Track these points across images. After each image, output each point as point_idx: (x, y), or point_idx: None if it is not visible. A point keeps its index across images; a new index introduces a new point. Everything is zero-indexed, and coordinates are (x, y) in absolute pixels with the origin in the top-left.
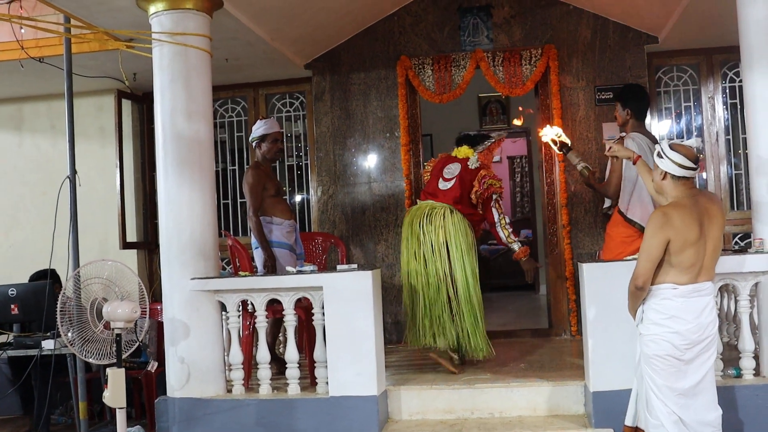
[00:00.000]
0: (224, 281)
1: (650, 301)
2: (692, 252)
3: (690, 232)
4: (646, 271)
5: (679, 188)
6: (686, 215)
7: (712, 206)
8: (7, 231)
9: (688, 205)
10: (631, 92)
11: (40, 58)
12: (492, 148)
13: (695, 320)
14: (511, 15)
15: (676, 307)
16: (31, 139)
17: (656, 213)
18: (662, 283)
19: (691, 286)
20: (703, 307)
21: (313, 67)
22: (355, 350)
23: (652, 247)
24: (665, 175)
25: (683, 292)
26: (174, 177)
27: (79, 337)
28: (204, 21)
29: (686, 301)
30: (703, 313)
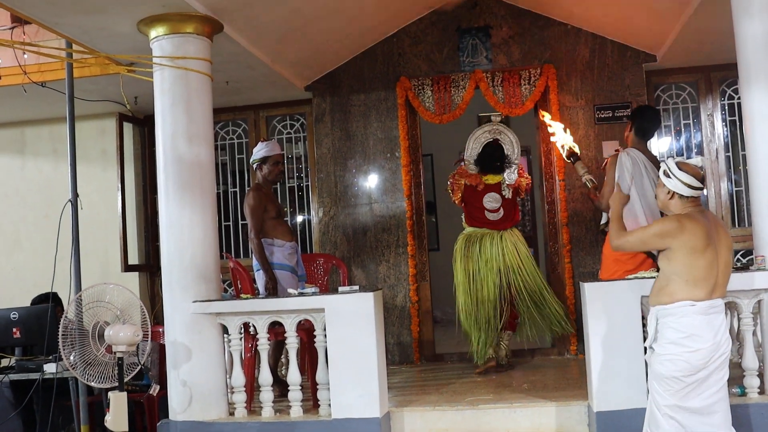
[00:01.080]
0: (226, 304)
1: (667, 319)
2: (704, 263)
3: (699, 241)
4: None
5: (686, 208)
6: (697, 225)
7: (720, 228)
8: (9, 254)
9: (699, 218)
10: (639, 111)
11: (42, 82)
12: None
13: (714, 338)
14: (510, 35)
15: (695, 325)
16: (33, 163)
17: (671, 219)
18: (679, 301)
19: (708, 302)
20: (720, 324)
21: (314, 89)
22: (357, 372)
23: (647, 240)
24: (672, 195)
25: (702, 309)
26: (175, 200)
27: (81, 361)
28: (204, 45)
29: (705, 318)
30: (719, 331)
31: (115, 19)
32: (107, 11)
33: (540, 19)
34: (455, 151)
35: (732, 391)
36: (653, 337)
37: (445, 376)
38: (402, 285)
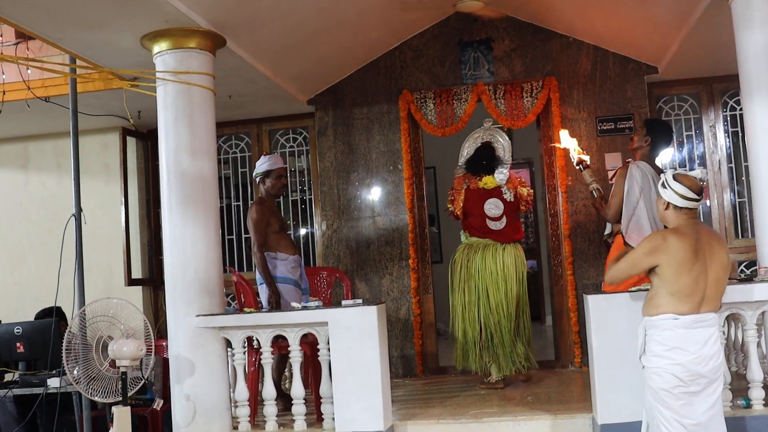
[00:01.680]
0: (229, 318)
1: (651, 332)
2: (689, 280)
3: (685, 257)
4: (618, 281)
5: (681, 219)
6: (683, 241)
7: (715, 243)
8: (13, 268)
9: (687, 233)
10: (661, 126)
11: (46, 97)
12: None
13: (698, 351)
14: (512, 48)
15: (677, 338)
16: (36, 177)
17: (655, 235)
18: (663, 313)
19: (693, 317)
20: (706, 338)
21: (316, 103)
22: (361, 385)
23: (637, 262)
24: (668, 206)
25: (685, 323)
26: (179, 214)
27: (85, 375)
28: (207, 59)
29: (688, 332)
30: (706, 345)
31: (118, 35)
32: (110, 27)
33: (541, 32)
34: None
35: (737, 402)
36: (642, 349)
37: (449, 389)
38: (405, 298)
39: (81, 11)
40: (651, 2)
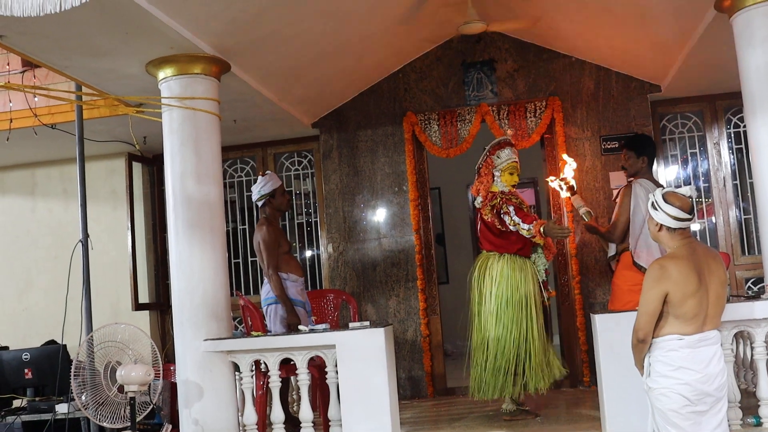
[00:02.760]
0: (237, 342)
1: (656, 353)
2: (694, 303)
3: (689, 284)
4: (645, 324)
5: (675, 239)
6: (684, 266)
7: (711, 260)
8: (20, 295)
9: (685, 256)
10: (646, 141)
11: (52, 124)
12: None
13: (704, 370)
14: (515, 69)
15: (683, 357)
16: (43, 204)
17: (653, 266)
18: (667, 335)
19: (697, 336)
20: (711, 356)
21: (321, 126)
22: (369, 408)
23: (649, 300)
24: (660, 227)
25: (689, 343)
26: (185, 239)
27: (93, 401)
28: (212, 85)
29: (693, 351)
30: (711, 363)
31: (123, 62)
32: (116, 54)
33: (544, 52)
34: (463, 184)
35: (747, 420)
36: (647, 371)
37: (458, 411)
38: (412, 319)
39: (87, 40)
40: (652, 21)
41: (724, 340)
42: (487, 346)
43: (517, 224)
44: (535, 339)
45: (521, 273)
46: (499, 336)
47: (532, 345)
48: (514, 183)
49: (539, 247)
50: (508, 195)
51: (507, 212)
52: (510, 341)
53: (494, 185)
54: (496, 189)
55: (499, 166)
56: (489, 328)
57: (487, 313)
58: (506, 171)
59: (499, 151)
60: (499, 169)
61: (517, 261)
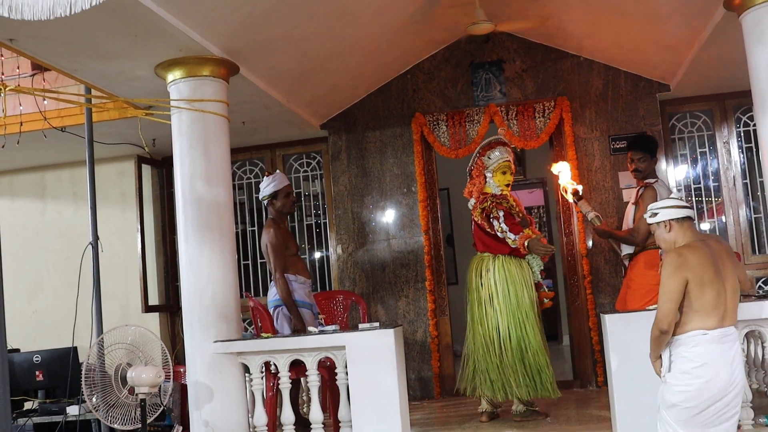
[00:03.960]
0: (247, 343)
1: (680, 349)
2: (713, 293)
3: (706, 271)
4: (669, 313)
5: (687, 232)
6: (700, 254)
7: (724, 252)
8: (31, 297)
9: (700, 247)
10: (654, 141)
11: (62, 127)
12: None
13: (729, 367)
14: (523, 69)
15: (708, 353)
16: (53, 206)
17: (671, 255)
18: (691, 330)
19: (720, 331)
20: (734, 353)
21: (329, 127)
22: (379, 409)
23: (671, 287)
24: (670, 226)
25: (714, 338)
26: (194, 241)
27: (104, 403)
28: (221, 87)
29: (718, 347)
30: (734, 360)
31: (132, 64)
32: (125, 57)
33: (552, 52)
34: None
35: (759, 421)
36: (667, 368)
37: (467, 411)
38: (422, 320)
39: (96, 43)
40: (661, 20)
41: None
42: (485, 347)
43: (504, 232)
44: (531, 341)
45: (516, 274)
46: (495, 337)
47: (530, 347)
48: (508, 182)
49: None
50: (499, 198)
51: (496, 217)
52: (508, 342)
53: (487, 186)
54: (489, 190)
55: (491, 167)
56: (485, 330)
57: (483, 314)
58: (498, 171)
59: (490, 152)
60: (491, 170)
61: (512, 262)
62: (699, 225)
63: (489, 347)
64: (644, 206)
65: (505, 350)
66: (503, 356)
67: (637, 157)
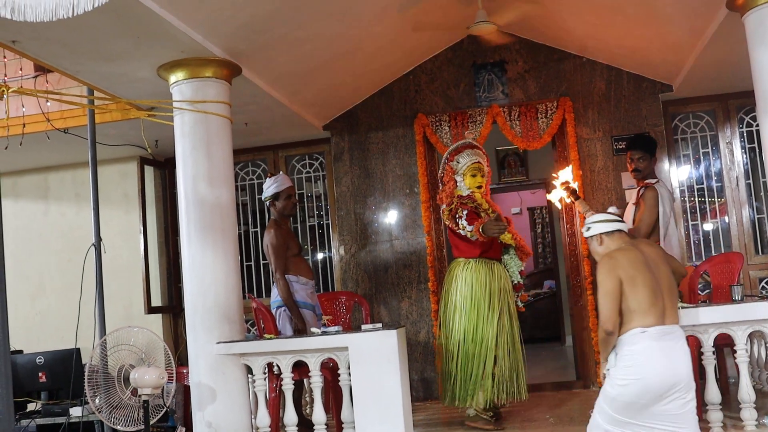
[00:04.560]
0: (250, 344)
1: (623, 348)
2: (647, 291)
3: (638, 271)
4: (610, 313)
5: (616, 241)
6: (630, 255)
7: (653, 251)
8: (34, 299)
9: (629, 249)
10: (654, 142)
11: (65, 129)
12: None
13: (670, 364)
14: (525, 69)
15: (647, 351)
16: (56, 208)
17: (604, 258)
18: (631, 329)
19: (659, 328)
20: (677, 351)
21: (332, 128)
22: (382, 410)
23: (607, 288)
24: (601, 240)
25: (653, 335)
26: (197, 242)
27: (107, 404)
28: (223, 88)
29: (658, 344)
30: (677, 357)
31: (135, 66)
32: (127, 58)
33: (555, 53)
34: None
35: (762, 421)
36: (613, 362)
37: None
38: (425, 321)
39: (98, 44)
40: (664, 21)
41: (739, 340)
42: (452, 354)
43: (464, 227)
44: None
45: (486, 278)
46: (460, 343)
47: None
48: (480, 184)
49: (511, 248)
50: (464, 199)
51: (461, 216)
52: (473, 348)
53: (458, 190)
54: (459, 193)
55: (460, 170)
56: (452, 335)
57: (449, 319)
58: (468, 174)
59: (458, 156)
60: (461, 174)
61: (482, 266)
62: (702, 225)
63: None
64: (646, 206)
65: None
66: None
67: (636, 156)
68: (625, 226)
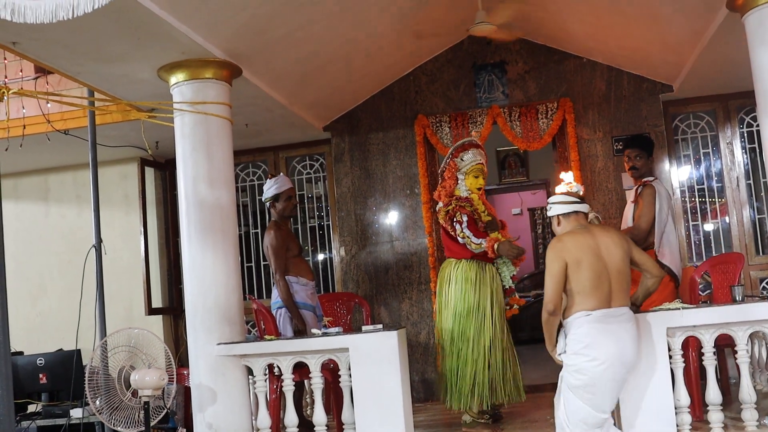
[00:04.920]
0: (250, 346)
1: (570, 332)
2: (591, 274)
3: (584, 254)
4: (553, 295)
5: (571, 224)
6: (578, 239)
7: (607, 238)
8: (34, 300)
9: (580, 232)
10: (650, 141)
11: (65, 130)
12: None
13: (614, 345)
14: (526, 70)
15: (592, 333)
16: (57, 209)
17: (552, 243)
18: (576, 312)
19: (603, 311)
20: (624, 333)
21: (332, 129)
22: (383, 411)
23: (553, 270)
24: (558, 220)
25: (597, 317)
26: (198, 243)
27: (108, 405)
28: (224, 89)
29: (603, 326)
30: (625, 340)
31: (135, 67)
32: (128, 60)
33: (555, 54)
34: None
35: (763, 422)
36: (563, 349)
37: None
38: (425, 322)
39: (99, 46)
40: (664, 21)
41: (739, 341)
42: (444, 354)
43: (467, 237)
44: (495, 349)
45: (477, 280)
46: (451, 345)
47: (490, 356)
48: (480, 186)
49: None
50: (463, 201)
51: (459, 221)
52: (463, 349)
53: (457, 189)
54: (458, 193)
55: (463, 168)
56: (443, 335)
57: (440, 320)
58: (470, 174)
59: (463, 153)
60: (463, 172)
61: (473, 267)
62: (703, 226)
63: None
64: (644, 203)
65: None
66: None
67: (633, 154)
68: (584, 207)
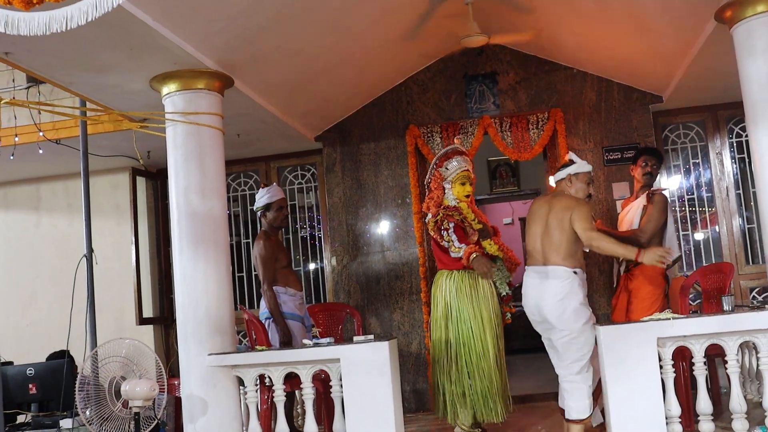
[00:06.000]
0: (241, 356)
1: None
2: (531, 236)
3: (533, 217)
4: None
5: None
6: (536, 204)
7: (557, 202)
8: (25, 310)
9: (540, 199)
10: (655, 150)
11: (57, 140)
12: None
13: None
14: (517, 81)
15: (524, 284)
16: (48, 219)
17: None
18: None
19: (534, 267)
20: (538, 287)
21: (324, 139)
22: (374, 422)
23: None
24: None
25: (528, 272)
26: (189, 254)
27: (98, 416)
28: (216, 100)
29: (528, 280)
30: (537, 293)
31: (127, 77)
32: (120, 70)
33: (546, 64)
34: None
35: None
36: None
37: None
38: (416, 332)
39: (91, 56)
40: (654, 33)
41: (730, 351)
42: (437, 367)
43: (451, 241)
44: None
45: (469, 289)
46: (444, 357)
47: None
48: (468, 193)
49: (498, 259)
50: (450, 210)
51: (446, 228)
52: (456, 360)
53: (445, 199)
54: (447, 202)
55: (449, 177)
56: (435, 346)
57: (432, 330)
58: (457, 182)
59: (447, 162)
60: (449, 181)
61: (465, 278)
62: (693, 235)
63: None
64: (655, 209)
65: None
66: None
67: (651, 162)
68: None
